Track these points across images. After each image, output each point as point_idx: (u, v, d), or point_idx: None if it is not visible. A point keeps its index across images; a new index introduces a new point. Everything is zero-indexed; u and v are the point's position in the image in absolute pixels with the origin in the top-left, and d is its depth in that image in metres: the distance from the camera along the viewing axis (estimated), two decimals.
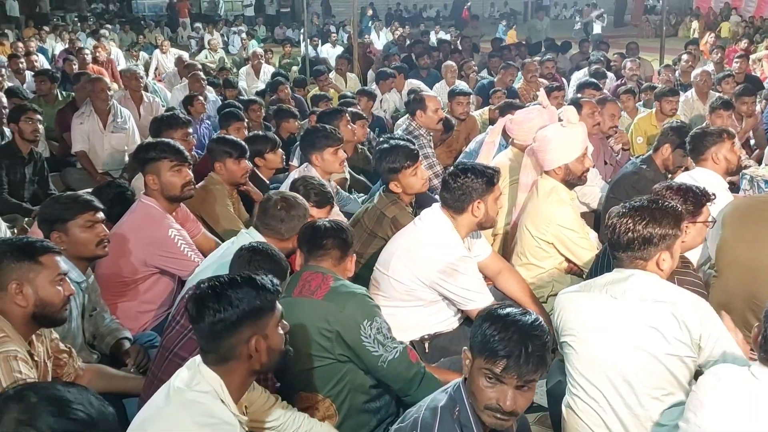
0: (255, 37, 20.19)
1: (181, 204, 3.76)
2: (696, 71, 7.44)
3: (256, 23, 24.81)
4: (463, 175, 3.19)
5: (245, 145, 4.32)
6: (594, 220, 4.76)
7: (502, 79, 8.70)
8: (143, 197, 3.59)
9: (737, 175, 4.80)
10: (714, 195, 3.03)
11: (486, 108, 7.25)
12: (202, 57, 14.45)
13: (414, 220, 3.41)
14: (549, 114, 4.34)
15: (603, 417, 2.40)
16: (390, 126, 7.42)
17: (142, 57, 14.44)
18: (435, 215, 3.26)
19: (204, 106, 7.11)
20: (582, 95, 6.06)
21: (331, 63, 12.46)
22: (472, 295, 3.17)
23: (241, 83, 10.37)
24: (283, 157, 5.21)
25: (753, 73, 9.18)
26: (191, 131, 5.15)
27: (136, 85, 7.34)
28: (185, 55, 12.67)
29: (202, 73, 8.45)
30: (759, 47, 13.80)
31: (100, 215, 3.06)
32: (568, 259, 3.79)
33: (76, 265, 2.97)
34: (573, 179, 3.78)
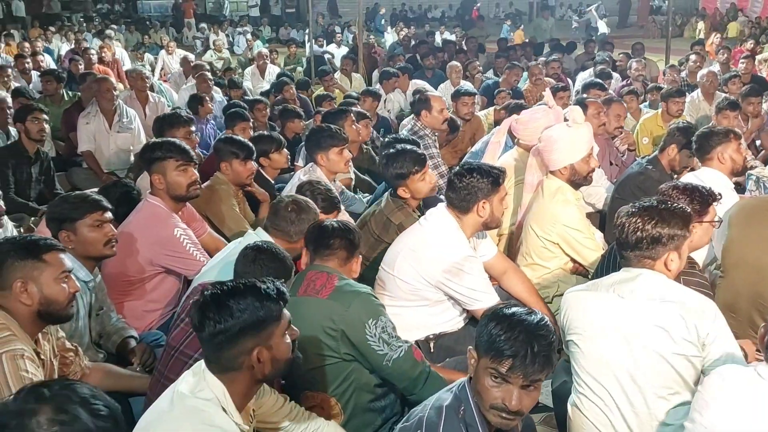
0: (260, 38, 20.23)
1: (187, 203, 3.77)
2: (702, 72, 7.42)
3: (261, 24, 24.85)
4: (469, 175, 3.19)
5: (252, 147, 4.32)
6: (599, 220, 4.75)
7: (507, 80, 8.69)
8: (149, 197, 3.60)
9: (743, 176, 4.78)
10: (720, 195, 3.02)
11: (491, 108, 7.24)
12: (207, 57, 14.48)
13: (419, 219, 3.41)
14: (555, 114, 4.33)
15: (609, 416, 2.40)
16: (395, 126, 7.42)
17: (147, 59, 14.48)
18: (440, 215, 3.26)
19: (211, 107, 7.13)
20: (587, 95, 6.05)
21: (336, 63, 12.49)
22: (477, 295, 3.17)
23: (246, 83, 10.40)
24: (288, 157, 5.22)
25: (759, 74, 9.15)
26: (194, 129, 5.15)
27: (141, 86, 7.37)
28: (190, 56, 12.70)
29: (209, 74, 8.47)
30: (765, 48, 13.76)
31: (108, 215, 3.07)
32: (573, 260, 3.79)
33: (83, 265, 2.98)
34: (578, 179, 3.77)
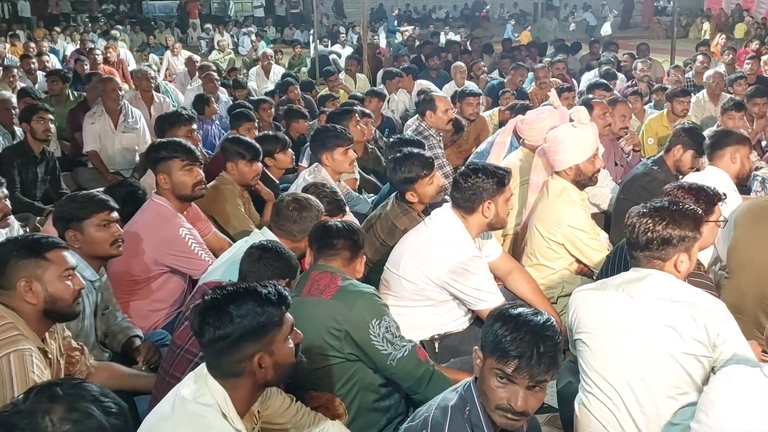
0: (264, 38, 20.24)
1: (192, 203, 3.78)
2: (708, 72, 7.41)
3: (265, 24, 24.88)
4: (474, 176, 3.19)
5: (259, 148, 4.32)
6: (604, 221, 4.74)
7: (512, 80, 8.69)
8: (155, 196, 3.61)
9: (747, 181, 4.77)
10: (725, 195, 3.02)
11: (496, 109, 7.24)
12: (212, 58, 14.50)
13: (424, 219, 3.41)
14: (560, 114, 4.33)
15: (616, 415, 2.40)
16: (399, 126, 7.42)
17: (151, 59, 14.51)
18: (446, 215, 3.25)
19: (216, 108, 7.15)
20: (593, 96, 6.03)
21: (340, 63, 12.50)
22: (482, 295, 3.16)
23: (251, 84, 10.41)
24: (293, 158, 5.22)
25: (764, 75, 9.12)
26: (195, 127, 5.15)
27: (147, 86, 7.39)
28: (195, 56, 12.72)
29: (216, 74, 8.49)
30: None
31: (115, 215, 3.07)
32: (578, 260, 3.79)
33: (89, 264, 2.99)
34: (584, 180, 3.77)
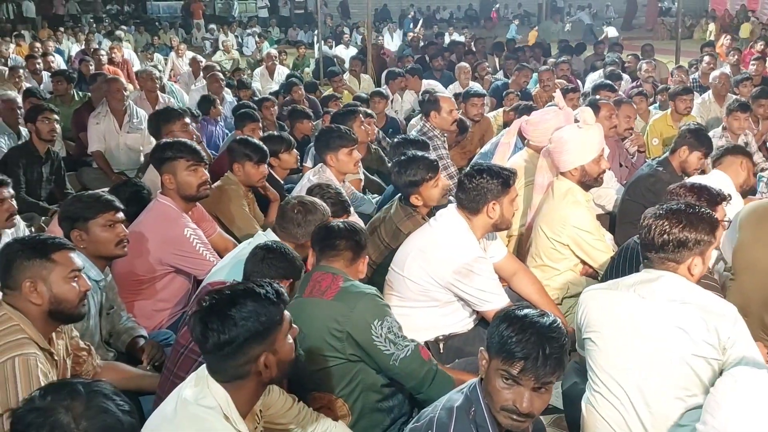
0: (268, 39, 20.26)
1: (197, 203, 3.78)
2: (714, 73, 7.39)
3: (269, 25, 24.90)
4: (479, 176, 3.18)
5: (267, 151, 4.31)
6: (609, 222, 4.74)
7: (516, 81, 8.68)
8: (160, 196, 3.62)
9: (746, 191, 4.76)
10: (730, 196, 3.02)
11: (500, 110, 7.24)
12: (216, 58, 14.52)
13: (429, 220, 3.41)
14: (565, 115, 4.33)
15: (624, 415, 2.39)
16: (403, 127, 7.43)
17: (156, 59, 14.54)
18: (450, 216, 3.25)
19: (221, 110, 7.16)
20: (599, 97, 6.02)
21: (344, 64, 12.51)
22: (487, 296, 3.16)
23: (255, 84, 10.43)
24: (298, 158, 5.22)
25: None
26: (188, 121, 5.16)
27: (151, 86, 7.40)
28: (199, 56, 12.74)
29: (220, 74, 8.50)
30: None
31: (120, 215, 3.08)
32: (583, 261, 3.78)
33: (94, 264, 3.00)
34: (589, 181, 3.76)
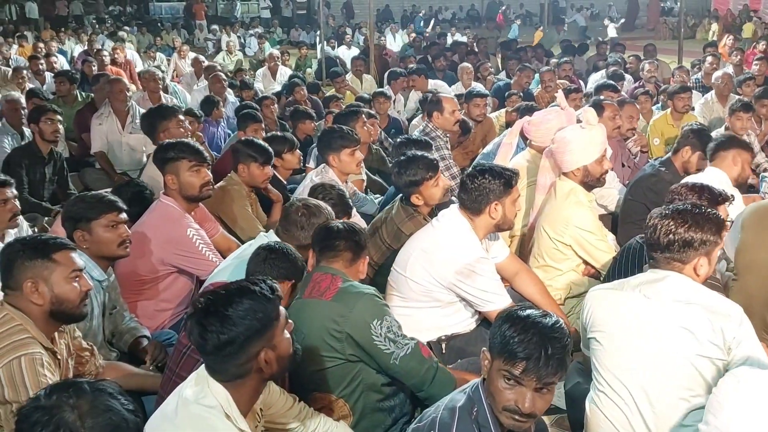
0: (269, 40, 20.28)
1: (200, 204, 3.79)
2: (717, 73, 7.38)
3: (272, 25, 24.92)
4: (481, 177, 3.18)
5: (272, 153, 4.32)
6: (612, 222, 4.74)
7: (518, 82, 8.68)
8: (162, 197, 3.62)
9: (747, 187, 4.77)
10: (733, 196, 3.02)
11: (503, 110, 7.24)
12: (219, 59, 14.53)
13: (432, 221, 3.41)
14: (567, 115, 4.33)
15: (628, 415, 2.39)
16: (405, 127, 7.43)
17: (158, 58, 14.55)
18: (453, 216, 3.25)
19: (223, 112, 7.17)
20: (603, 97, 6.00)
21: (347, 64, 12.51)
22: (489, 297, 3.16)
23: (258, 85, 10.43)
24: (301, 158, 5.23)
25: None
26: (182, 118, 5.17)
27: (154, 87, 7.42)
28: (201, 56, 12.75)
29: (223, 75, 8.52)
30: None
31: (123, 216, 3.09)
32: (585, 262, 3.78)
33: (97, 264, 3.00)
34: (591, 181, 3.76)
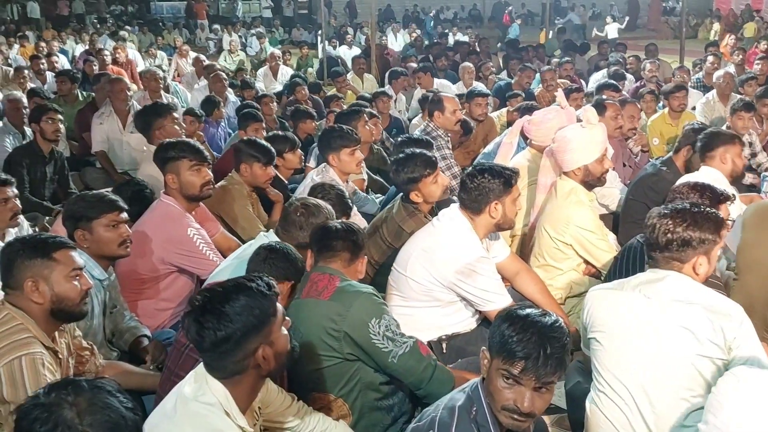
0: (271, 39, 20.29)
1: (200, 203, 3.79)
2: (718, 73, 7.39)
3: (273, 25, 24.93)
4: (481, 176, 3.18)
5: (274, 153, 4.33)
6: (613, 222, 4.73)
7: (518, 82, 8.68)
8: (163, 196, 3.63)
9: (741, 179, 4.76)
10: (734, 196, 3.02)
11: (504, 110, 7.24)
12: (221, 60, 14.53)
13: (432, 220, 3.41)
14: (567, 115, 4.33)
15: (628, 415, 2.39)
16: (407, 127, 7.43)
17: (159, 56, 14.56)
18: (453, 216, 3.25)
19: (223, 112, 7.17)
20: (605, 96, 5.99)
21: (348, 64, 12.51)
22: (490, 296, 3.16)
23: (259, 84, 10.44)
24: (302, 158, 5.23)
25: None
26: (177, 116, 5.19)
27: (155, 86, 7.43)
28: (202, 56, 12.76)
29: (223, 74, 8.53)
30: None
31: (124, 215, 3.09)
32: (586, 261, 3.78)
33: (98, 263, 3.00)
34: (592, 180, 3.76)
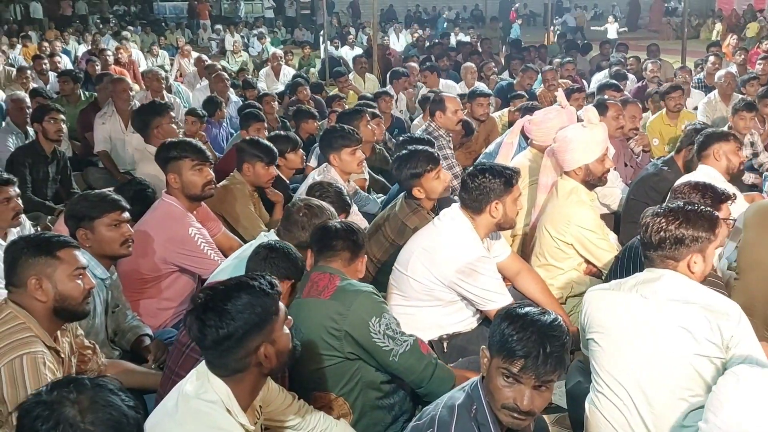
0: (273, 40, 20.30)
1: (202, 203, 3.80)
2: (720, 73, 7.39)
3: (275, 25, 24.95)
4: (481, 176, 3.19)
5: (277, 153, 4.34)
6: (614, 221, 4.73)
7: (520, 82, 8.68)
8: (165, 196, 3.64)
9: (740, 176, 4.77)
10: (735, 195, 3.02)
11: (505, 110, 7.24)
12: (224, 62, 14.54)
13: (433, 220, 3.41)
14: (567, 114, 4.33)
15: (626, 416, 2.39)
16: (409, 126, 7.43)
17: (162, 54, 14.58)
18: (454, 215, 3.25)
19: (225, 113, 7.19)
20: (606, 96, 5.99)
21: (349, 64, 12.52)
22: (491, 296, 3.16)
23: (261, 84, 10.45)
24: (304, 158, 5.24)
25: None
26: (174, 115, 5.21)
27: (157, 86, 7.44)
28: (204, 56, 12.77)
29: (225, 74, 8.54)
30: None
31: (126, 215, 3.10)
32: (587, 261, 3.78)
33: (100, 262, 3.01)
34: (593, 180, 3.76)
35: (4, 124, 6.40)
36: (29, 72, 9.27)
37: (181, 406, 1.91)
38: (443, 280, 3.16)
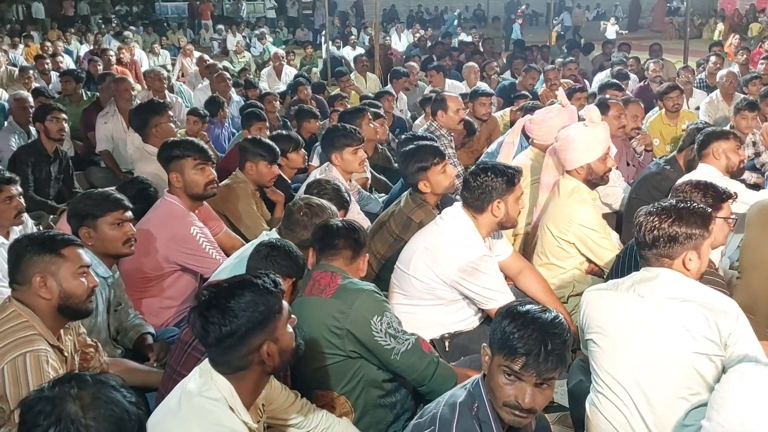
0: (275, 40, 20.31)
1: (204, 202, 3.80)
2: (722, 72, 7.38)
3: (277, 25, 24.96)
4: (483, 175, 3.19)
5: (279, 152, 4.35)
6: (616, 221, 4.73)
7: (523, 82, 8.68)
8: (167, 195, 3.64)
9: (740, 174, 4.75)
10: (736, 194, 3.02)
11: (507, 109, 7.23)
12: (227, 63, 14.53)
13: (435, 219, 3.41)
14: (568, 113, 4.33)
15: (627, 415, 2.39)
16: (410, 126, 7.43)
17: (163, 54, 14.59)
18: (456, 214, 3.25)
19: (227, 113, 7.19)
20: (608, 96, 5.99)
21: (351, 64, 12.52)
22: (492, 295, 3.16)
23: (263, 84, 10.46)
24: (305, 157, 5.24)
25: None
26: (172, 114, 5.23)
27: (159, 86, 7.45)
28: (205, 55, 12.78)
29: (227, 74, 8.54)
30: None
31: (128, 214, 3.10)
32: (589, 260, 3.77)
33: (102, 261, 3.02)
34: (595, 179, 3.76)
35: (6, 123, 6.41)
36: (31, 72, 9.30)
37: (184, 403, 1.92)
38: (445, 278, 3.16)
